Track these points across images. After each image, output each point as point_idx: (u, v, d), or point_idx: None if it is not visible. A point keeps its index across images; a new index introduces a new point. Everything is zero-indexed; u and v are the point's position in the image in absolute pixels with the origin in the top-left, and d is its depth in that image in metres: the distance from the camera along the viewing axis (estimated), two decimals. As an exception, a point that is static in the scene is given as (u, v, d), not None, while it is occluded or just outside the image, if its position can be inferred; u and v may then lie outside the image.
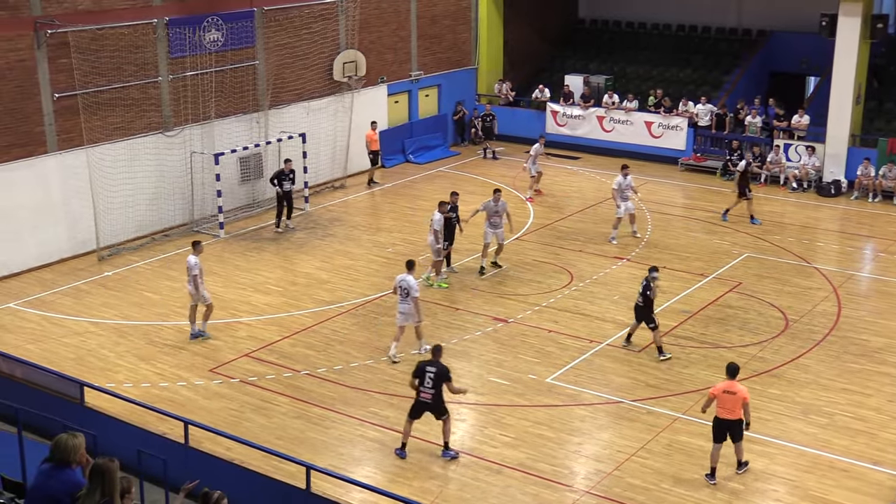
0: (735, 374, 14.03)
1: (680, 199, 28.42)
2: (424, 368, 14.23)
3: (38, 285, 21.79)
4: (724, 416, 13.95)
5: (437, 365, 14.25)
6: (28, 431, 12.49)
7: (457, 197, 22.59)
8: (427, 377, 14.20)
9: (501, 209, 21.99)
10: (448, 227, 21.60)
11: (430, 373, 14.20)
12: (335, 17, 29.11)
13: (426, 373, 14.21)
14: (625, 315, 19.79)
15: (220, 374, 17.53)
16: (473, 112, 34.41)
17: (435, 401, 14.26)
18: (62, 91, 22.74)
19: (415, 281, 17.66)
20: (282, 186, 24.81)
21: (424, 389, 14.14)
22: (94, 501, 7.57)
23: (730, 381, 13.96)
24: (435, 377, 14.15)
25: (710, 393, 14.10)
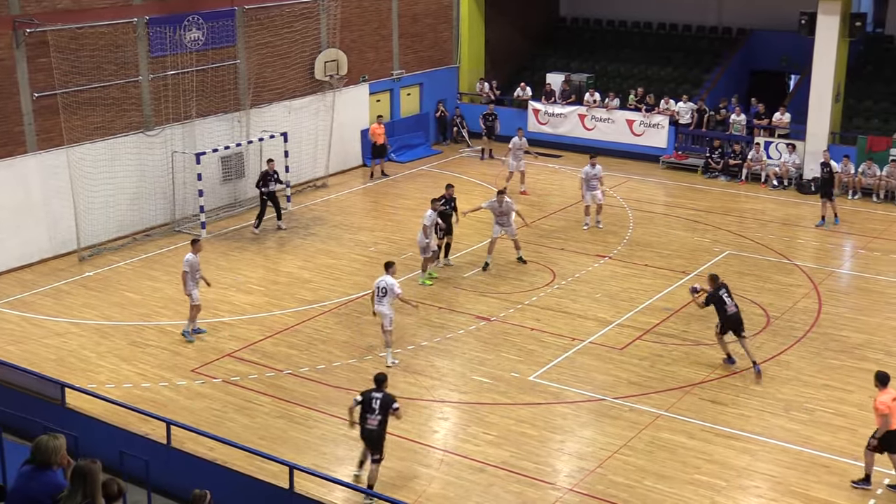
0: (887, 381, 13.68)
1: (661, 197, 28.51)
2: (371, 396, 13.63)
3: (19, 286, 21.67)
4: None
5: (383, 392, 13.67)
6: (8, 433, 12.40)
7: (452, 189, 22.93)
8: (373, 403, 13.58)
9: (507, 209, 22.01)
10: (444, 220, 21.91)
11: (376, 399, 13.59)
12: (316, 15, 29.07)
13: (372, 399, 13.61)
14: (606, 313, 19.86)
15: (203, 374, 17.48)
16: (455, 111, 34.43)
17: (380, 429, 13.60)
18: (41, 90, 22.61)
19: (394, 281, 17.55)
20: (268, 187, 24.74)
21: (372, 416, 13.54)
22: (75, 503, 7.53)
23: (884, 388, 13.62)
24: (381, 404, 13.56)
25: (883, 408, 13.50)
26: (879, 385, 13.75)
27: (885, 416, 13.44)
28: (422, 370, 17.61)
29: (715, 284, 17.40)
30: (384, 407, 13.49)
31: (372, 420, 13.52)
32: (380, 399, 13.54)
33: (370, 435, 13.60)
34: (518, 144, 27.59)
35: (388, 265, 17.85)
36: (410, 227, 25.37)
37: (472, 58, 35.19)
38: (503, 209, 22.06)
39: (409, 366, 17.77)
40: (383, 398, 13.55)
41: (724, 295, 17.28)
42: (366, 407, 13.58)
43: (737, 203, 27.17)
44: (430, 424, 15.95)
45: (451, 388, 17.03)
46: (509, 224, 22.20)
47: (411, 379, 17.28)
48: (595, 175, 24.52)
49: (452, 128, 34.31)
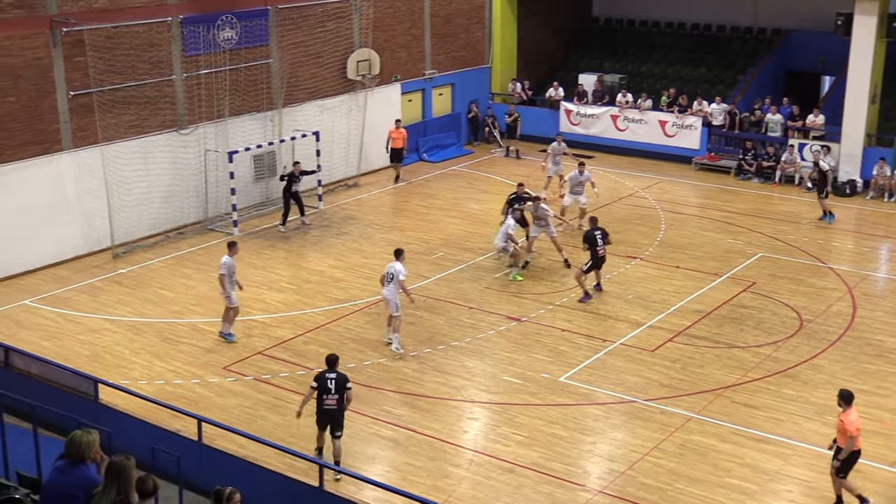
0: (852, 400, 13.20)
1: (694, 199, 28.34)
2: (325, 376, 14.14)
3: (54, 282, 21.88)
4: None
5: (337, 373, 14.22)
6: (43, 428, 12.52)
7: (523, 187, 23.47)
8: (328, 384, 14.11)
9: (542, 214, 22.26)
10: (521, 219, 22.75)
11: (330, 379, 14.12)
12: (349, 15, 29.14)
13: (327, 380, 14.12)
14: (638, 314, 19.76)
15: (234, 371, 17.57)
16: (487, 111, 34.41)
17: (338, 407, 14.15)
18: (77, 89, 22.82)
19: (402, 268, 17.99)
20: (289, 188, 24.81)
21: (329, 396, 14.06)
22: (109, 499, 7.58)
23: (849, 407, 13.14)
24: (336, 383, 14.10)
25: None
26: (845, 404, 13.10)
27: (853, 437, 12.94)
28: (452, 370, 17.60)
29: (593, 225, 20.12)
30: (339, 386, 14.10)
31: (330, 400, 14.11)
32: (334, 379, 14.13)
33: (330, 414, 14.16)
34: (557, 149, 27.47)
35: (397, 252, 18.30)
36: (442, 227, 25.40)
37: (504, 58, 35.14)
38: (538, 214, 22.21)
39: (440, 365, 17.77)
40: (338, 378, 14.16)
41: (599, 237, 19.86)
42: (322, 388, 14.15)
43: (770, 205, 26.95)
44: (460, 424, 15.94)
45: (482, 388, 17.01)
46: (548, 225, 22.27)
47: (441, 379, 17.28)
48: (582, 181, 24.50)
49: (484, 128, 34.28)
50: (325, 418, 14.24)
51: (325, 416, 14.22)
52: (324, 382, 14.17)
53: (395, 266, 18.01)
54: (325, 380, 14.18)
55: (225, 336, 18.74)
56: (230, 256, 18.55)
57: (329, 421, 14.24)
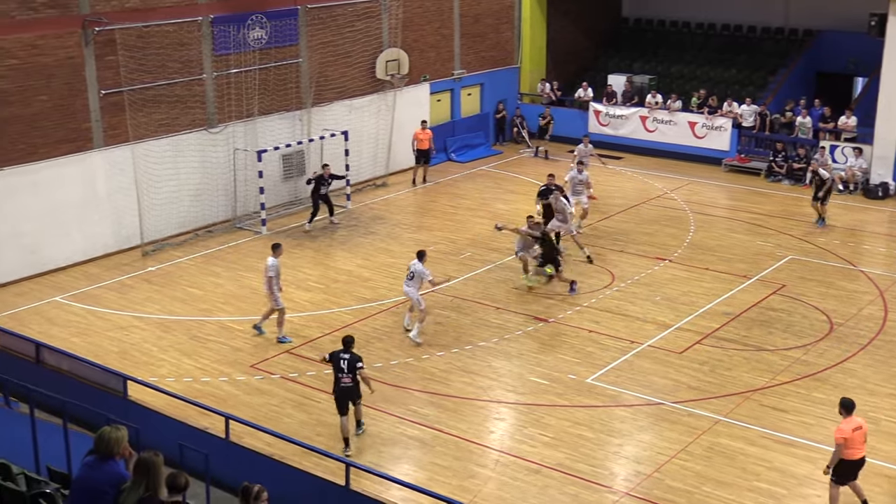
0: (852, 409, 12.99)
1: (723, 200, 28.17)
2: (339, 356, 14.88)
3: (84, 279, 22.05)
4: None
5: (351, 353, 14.92)
6: (73, 423, 12.63)
7: (553, 178, 23.52)
8: (341, 363, 14.85)
9: (560, 207, 22.47)
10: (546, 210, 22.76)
11: (343, 359, 14.86)
12: (378, 15, 29.18)
13: (341, 360, 14.86)
14: (666, 316, 19.67)
15: (262, 369, 17.64)
16: (516, 111, 34.37)
17: (354, 385, 14.93)
18: (109, 88, 22.99)
19: (423, 268, 18.45)
20: (319, 191, 24.83)
21: (344, 376, 14.84)
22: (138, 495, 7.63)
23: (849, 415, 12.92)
24: (349, 364, 14.83)
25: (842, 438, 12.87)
26: (844, 412, 12.90)
27: (838, 445, 12.73)
28: (479, 370, 17.59)
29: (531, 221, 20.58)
30: (352, 367, 14.80)
31: (345, 378, 14.85)
32: (347, 360, 14.81)
33: (348, 391, 14.91)
34: (584, 151, 27.39)
35: (420, 254, 18.78)
36: (469, 228, 25.39)
37: (533, 58, 35.09)
38: (557, 206, 22.35)
39: (466, 365, 17.76)
40: (350, 359, 14.83)
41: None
42: (336, 367, 14.89)
43: (800, 207, 26.72)
44: (487, 425, 15.92)
45: (508, 388, 16.99)
46: (565, 220, 22.28)
47: (468, 379, 17.27)
48: (582, 180, 24.39)
49: (512, 128, 34.25)
50: (344, 395, 14.90)
51: (344, 394, 14.89)
52: (337, 362, 14.89)
53: (416, 265, 18.46)
54: (338, 359, 14.89)
55: (282, 340, 18.66)
56: (275, 258, 18.54)
57: (348, 398, 14.94)
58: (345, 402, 14.95)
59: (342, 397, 14.93)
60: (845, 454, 12.86)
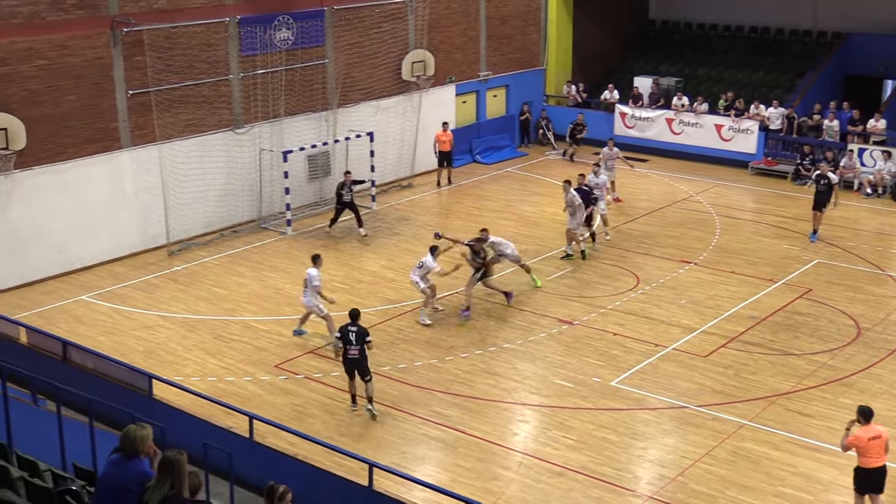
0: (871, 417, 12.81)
1: (749, 204, 28.01)
2: (347, 329, 15.82)
3: (111, 278, 22.20)
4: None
5: (358, 326, 15.88)
6: (99, 422, 12.70)
7: (583, 178, 23.56)
8: (350, 336, 15.78)
9: (569, 201, 22.56)
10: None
11: (352, 332, 15.80)
12: (405, 16, 29.23)
13: (349, 332, 15.80)
14: (691, 319, 19.58)
15: (286, 370, 17.69)
16: (542, 113, 34.32)
17: (361, 356, 15.83)
18: (136, 88, 23.14)
19: (433, 262, 19.30)
20: (340, 198, 24.75)
21: (352, 347, 15.75)
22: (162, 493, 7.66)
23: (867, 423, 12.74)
24: (357, 335, 15.77)
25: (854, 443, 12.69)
26: (863, 420, 12.74)
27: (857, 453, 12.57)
28: (503, 372, 17.57)
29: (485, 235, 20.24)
30: (360, 338, 15.78)
31: (353, 350, 15.80)
32: (355, 332, 15.80)
33: (354, 361, 15.86)
34: (609, 154, 27.32)
35: (432, 249, 19.61)
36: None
37: (559, 60, 35.02)
38: (567, 201, 22.70)
39: (490, 367, 17.75)
40: (358, 331, 15.83)
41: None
42: (345, 340, 15.86)
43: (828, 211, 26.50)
44: (510, 427, 15.91)
45: (532, 390, 16.96)
46: (573, 215, 22.65)
47: (491, 381, 17.26)
48: (598, 184, 24.23)
49: (537, 130, 34.20)
50: (351, 365, 15.93)
51: (351, 364, 15.92)
52: (346, 335, 15.84)
53: (426, 259, 19.40)
54: (347, 332, 15.85)
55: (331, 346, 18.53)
56: (317, 268, 18.47)
57: (354, 367, 15.93)
58: (351, 370, 16.01)
59: (349, 367, 15.99)
60: (861, 462, 12.74)
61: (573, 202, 22.63)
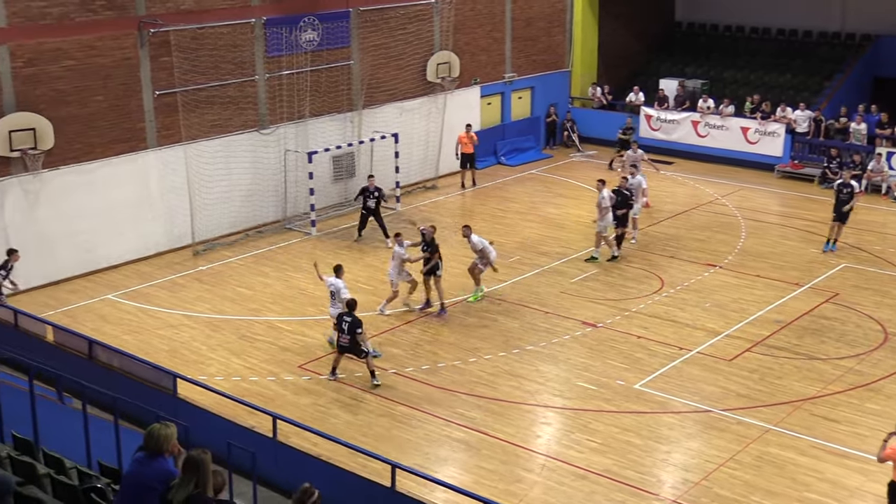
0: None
1: (775, 207, 27.84)
2: (343, 318, 16.63)
3: (137, 277, 22.32)
4: None
5: (353, 317, 16.66)
6: (124, 420, 12.77)
7: (626, 181, 23.39)
8: (343, 325, 16.64)
9: (639, 158, 23.45)
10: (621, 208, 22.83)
11: (346, 322, 16.62)
12: (430, 18, 29.24)
13: (343, 322, 16.63)
14: (715, 323, 19.48)
15: (309, 370, 17.73)
16: (567, 115, 34.24)
17: (351, 344, 16.69)
18: (163, 88, 23.27)
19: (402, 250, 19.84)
20: (365, 203, 24.66)
21: (343, 335, 16.69)
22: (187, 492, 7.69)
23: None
24: (349, 326, 16.56)
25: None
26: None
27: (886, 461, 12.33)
28: (526, 374, 17.54)
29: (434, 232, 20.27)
30: (351, 329, 16.59)
31: (343, 338, 16.75)
32: (349, 322, 16.60)
33: (345, 348, 16.86)
34: (633, 157, 27.24)
35: (397, 234, 20.43)
36: (518, 231, 25.34)
37: (584, 62, 34.94)
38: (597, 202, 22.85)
39: (514, 369, 17.72)
40: (352, 322, 16.59)
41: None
42: (339, 327, 16.74)
43: (855, 215, 26.24)
44: (533, 429, 15.88)
45: (555, 393, 16.92)
46: (601, 219, 22.61)
47: (515, 383, 17.23)
48: (633, 186, 24.11)
49: (562, 132, 34.13)
50: (342, 349, 16.93)
51: (342, 349, 16.94)
52: (340, 322, 16.75)
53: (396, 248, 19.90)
54: (341, 320, 16.73)
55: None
56: (340, 278, 18.37)
57: (345, 352, 16.95)
58: (342, 352, 17.03)
59: (340, 350, 17.03)
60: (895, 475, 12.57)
61: (600, 203, 22.60)
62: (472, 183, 29.64)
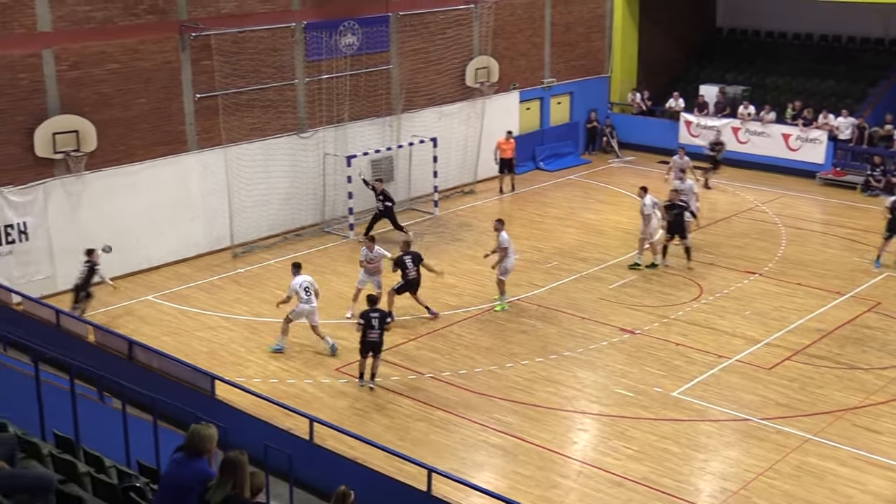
0: None
1: (817, 215, 27.55)
2: (369, 314, 16.88)
3: (176, 279, 22.49)
4: None
5: (379, 311, 17.06)
6: (162, 420, 12.85)
7: (677, 194, 23.04)
8: (372, 321, 16.82)
9: (643, 211, 22.56)
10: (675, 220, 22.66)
11: (374, 317, 16.87)
12: (469, 23, 29.25)
13: (371, 318, 16.83)
14: (755, 331, 19.30)
15: (346, 373, 17.76)
16: (606, 120, 34.10)
17: (380, 339, 16.98)
18: (203, 92, 23.45)
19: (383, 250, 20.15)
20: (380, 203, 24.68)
21: (373, 331, 16.82)
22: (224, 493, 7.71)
23: None
24: (379, 320, 16.89)
25: None
26: None
27: None
28: (563, 380, 17.47)
29: (404, 250, 20.11)
30: (381, 321, 16.94)
31: (373, 334, 16.89)
32: (377, 317, 16.91)
33: (374, 344, 16.98)
34: (679, 163, 27.07)
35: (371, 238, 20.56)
36: (556, 237, 25.27)
37: (624, 68, 34.79)
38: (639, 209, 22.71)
39: (551, 375, 17.66)
40: (380, 315, 17.02)
41: (409, 260, 19.83)
42: (367, 324, 16.86)
43: None
44: (570, 435, 15.81)
45: (592, 399, 16.84)
46: (645, 225, 22.49)
47: (552, 388, 17.17)
48: (685, 190, 23.90)
49: (602, 137, 33.99)
50: (370, 347, 16.97)
51: (369, 346, 16.97)
52: (368, 319, 16.87)
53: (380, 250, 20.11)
54: (369, 317, 16.88)
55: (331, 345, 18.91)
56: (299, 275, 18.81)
57: (371, 349, 17.01)
58: (368, 351, 17.02)
59: (366, 349, 17.01)
60: None
61: (642, 210, 22.49)
62: (510, 188, 29.58)
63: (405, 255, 19.99)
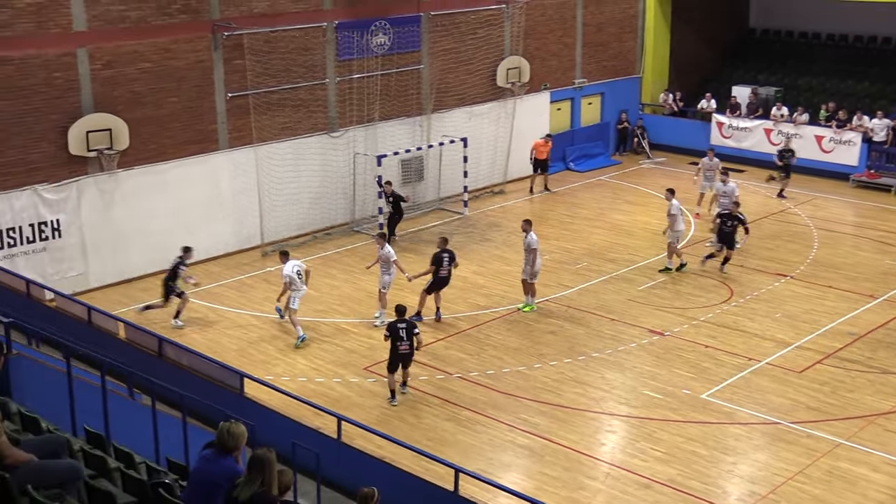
0: None
1: (850, 217, 27.30)
2: (397, 326, 16.30)
3: (206, 277, 22.60)
4: None
5: (406, 321, 16.46)
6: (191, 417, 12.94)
7: (738, 206, 23.10)
8: (400, 332, 16.27)
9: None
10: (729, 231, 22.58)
11: (401, 328, 16.31)
12: (501, 23, 29.23)
13: (399, 329, 16.27)
14: (785, 334, 19.16)
15: (374, 372, 17.80)
16: (637, 121, 33.96)
17: (411, 350, 16.49)
18: (235, 91, 23.58)
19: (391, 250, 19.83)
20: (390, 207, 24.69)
21: (402, 343, 16.28)
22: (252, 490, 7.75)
23: None
24: (407, 330, 16.32)
25: None
26: None
27: None
28: (591, 381, 17.43)
29: (441, 247, 19.85)
30: (409, 332, 16.34)
31: (403, 346, 16.34)
32: (405, 328, 16.32)
33: (404, 357, 16.46)
34: (708, 164, 26.93)
35: (381, 236, 20.43)
36: (586, 238, 25.20)
37: (656, 68, 34.63)
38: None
39: (579, 376, 17.62)
40: (408, 326, 16.40)
41: (446, 258, 19.68)
42: (395, 336, 16.28)
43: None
44: (598, 437, 15.77)
45: (621, 401, 16.78)
46: (672, 229, 22.39)
47: (580, 389, 17.13)
48: (727, 192, 23.92)
49: (633, 138, 33.86)
50: (399, 360, 16.46)
51: (399, 359, 16.45)
52: (396, 332, 16.30)
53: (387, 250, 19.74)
54: (396, 329, 16.31)
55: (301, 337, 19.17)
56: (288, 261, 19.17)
57: (401, 362, 16.51)
58: (397, 365, 16.49)
59: (396, 362, 16.46)
60: None
61: (669, 211, 22.40)
62: (544, 188, 29.53)
63: (443, 252, 19.93)
